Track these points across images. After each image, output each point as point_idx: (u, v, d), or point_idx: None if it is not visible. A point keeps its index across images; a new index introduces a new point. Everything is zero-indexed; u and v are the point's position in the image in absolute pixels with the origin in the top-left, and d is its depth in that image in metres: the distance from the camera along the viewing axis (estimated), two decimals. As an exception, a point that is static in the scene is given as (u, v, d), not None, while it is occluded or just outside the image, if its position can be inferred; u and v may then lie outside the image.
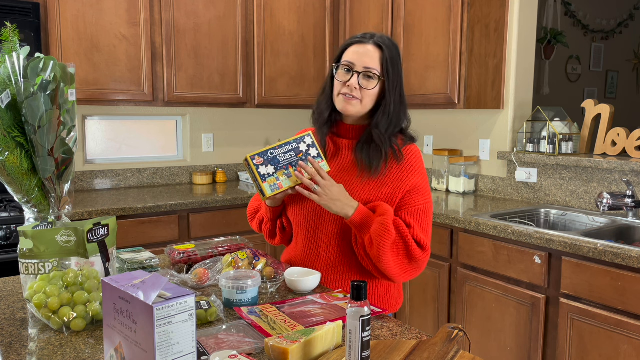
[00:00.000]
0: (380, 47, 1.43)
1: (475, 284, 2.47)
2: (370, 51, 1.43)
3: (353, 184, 1.48)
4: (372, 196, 1.46)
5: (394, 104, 1.45)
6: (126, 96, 2.99)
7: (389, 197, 1.46)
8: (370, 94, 1.43)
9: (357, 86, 1.42)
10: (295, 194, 1.49)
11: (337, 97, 1.47)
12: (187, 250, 1.58)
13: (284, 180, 1.43)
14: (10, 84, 1.27)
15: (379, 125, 1.44)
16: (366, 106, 1.45)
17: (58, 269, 1.26)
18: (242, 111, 3.81)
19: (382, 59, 1.43)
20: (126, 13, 2.94)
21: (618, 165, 2.50)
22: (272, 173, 1.42)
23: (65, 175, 1.36)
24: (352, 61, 1.43)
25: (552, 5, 4.76)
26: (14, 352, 1.05)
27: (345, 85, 1.43)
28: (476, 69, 2.90)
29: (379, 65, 1.43)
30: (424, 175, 1.50)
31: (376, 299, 1.54)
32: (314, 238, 1.53)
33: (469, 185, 3.23)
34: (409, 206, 1.46)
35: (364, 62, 1.42)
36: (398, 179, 1.46)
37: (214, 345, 1.05)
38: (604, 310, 1.99)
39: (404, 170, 1.47)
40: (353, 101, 1.43)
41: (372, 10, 3.35)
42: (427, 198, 1.49)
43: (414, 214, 1.45)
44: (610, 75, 5.40)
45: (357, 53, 1.43)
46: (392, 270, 1.42)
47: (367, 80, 1.43)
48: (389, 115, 1.44)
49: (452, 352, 1.04)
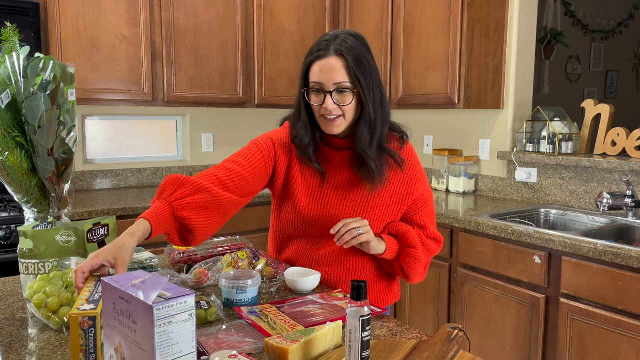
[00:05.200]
0: (341, 55, 1.33)
1: (475, 284, 2.47)
2: (333, 64, 1.33)
3: (360, 199, 1.45)
4: (383, 210, 1.46)
5: (374, 110, 1.38)
6: (126, 96, 2.99)
7: (400, 205, 1.48)
8: (350, 106, 1.37)
9: (334, 106, 1.35)
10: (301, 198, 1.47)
11: (319, 120, 1.41)
12: (187, 250, 1.58)
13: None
14: (10, 84, 1.27)
15: (362, 138, 1.38)
16: (350, 119, 1.39)
17: (58, 269, 1.26)
18: (242, 111, 3.81)
19: (347, 68, 1.33)
20: (126, 13, 2.94)
21: (618, 165, 2.50)
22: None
23: (65, 175, 1.36)
24: (319, 81, 1.35)
25: (552, 5, 4.76)
26: (14, 352, 1.05)
27: (322, 108, 1.37)
28: (476, 69, 2.90)
29: (346, 76, 1.34)
30: (423, 171, 1.53)
31: (378, 292, 1.56)
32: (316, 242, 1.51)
33: (469, 185, 3.23)
34: (421, 208, 1.51)
35: (332, 79, 1.33)
36: (404, 184, 1.47)
37: (214, 345, 1.05)
38: (604, 310, 1.99)
39: (408, 175, 1.48)
40: (337, 121, 1.37)
41: (372, 10, 3.35)
42: (430, 191, 1.55)
43: (426, 215, 1.53)
44: (610, 75, 5.40)
45: (321, 71, 1.34)
46: (419, 278, 1.54)
47: (342, 96, 1.35)
48: (371, 122, 1.38)
49: (452, 352, 1.04)
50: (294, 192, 1.47)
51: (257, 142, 1.48)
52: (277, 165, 1.48)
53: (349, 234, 1.32)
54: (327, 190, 1.46)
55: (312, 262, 1.52)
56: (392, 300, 1.60)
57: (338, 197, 1.45)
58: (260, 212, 3.21)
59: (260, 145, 1.46)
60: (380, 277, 1.56)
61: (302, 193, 1.46)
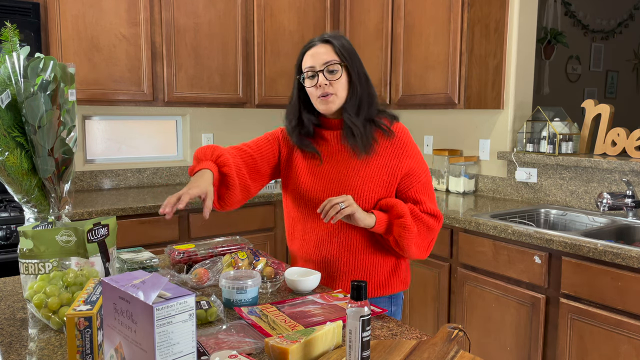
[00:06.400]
0: (328, 42, 1.54)
1: (475, 284, 2.47)
2: (322, 49, 1.53)
3: (352, 171, 1.55)
4: (374, 182, 1.53)
5: (360, 84, 1.54)
6: (126, 96, 2.99)
7: (390, 177, 1.54)
8: (340, 82, 1.52)
9: (327, 82, 1.51)
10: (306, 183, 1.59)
11: (316, 102, 1.56)
12: (187, 250, 1.58)
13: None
14: (10, 84, 1.27)
15: (347, 109, 1.53)
16: (342, 96, 1.54)
17: (58, 269, 1.26)
18: (242, 111, 3.81)
19: (335, 49, 1.53)
20: (126, 13, 2.94)
21: (618, 165, 2.50)
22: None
23: (65, 175, 1.36)
24: (311, 65, 1.53)
25: (552, 5, 4.76)
26: (14, 352, 1.05)
27: (317, 88, 1.52)
28: (476, 69, 2.90)
29: (334, 55, 1.52)
30: (417, 148, 1.60)
31: (386, 275, 1.59)
32: (326, 226, 1.58)
33: (469, 185, 3.23)
34: (415, 182, 1.56)
35: (322, 60, 1.52)
36: (394, 157, 1.55)
37: (214, 345, 1.05)
38: (604, 310, 1.99)
39: (398, 148, 1.56)
40: (330, 98, 1.52)
41: (372, 10, 3.35)
42: (426, 168, 1.61)
43: (420, 190, 1.57)
44: (610, 75, 5.40)
45: (312, 56, 1.54)
46: (418, 253, 1.56)
47: (332, 74, 1.52)
48: (357, 95, 1.54)
49: (452, 352, 1.04)
50: (296, 172, 1.62)
51: (266, 133, 1.71)
52: (281, 148, 1.67)
53: (332, 209, 1.40)
54: (325, 167, 1.59)
55: (315, 243, 1.58)
56: (399, 286, 1.63)
57: (333, 171, 1.57)
58: (260, 212, 3.21)
59: (268, 134, 1.70)
60: (385, 260, 1.59)
61: (303, 172, 1.61)
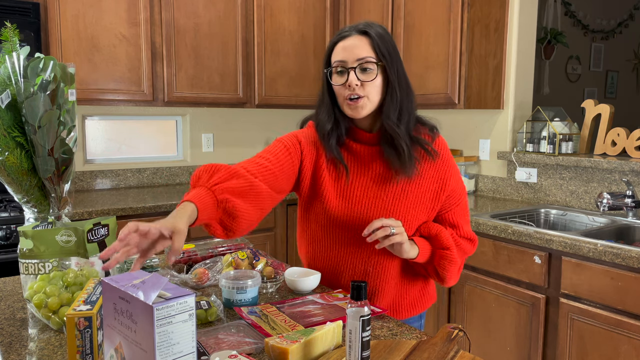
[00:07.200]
0: (366, 33, 1.31)
1: (475, 284, 2.47)
2: (357, 41, 1.30)
3: (391, 195, 1.37)
4: (418, 208, 1.37)
5: (399, 86, 1.32)
6: (126, 96, 2.99)
7: (434, 202, 1.39)
8: (374, 85, 1.31)
9: (358, 82, 1.29)
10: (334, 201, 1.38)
11: (343, 104, 1.34)
12: (187, 250, 1.58)
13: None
14: (10, 84, 1.27)
15: (389, 115, 1.32)
16: (374, 101, 1.32)
17: (58, 269, 1.26)
18: (242, 111, 3.81)
19: (372, 44, 1.30)
20: (126, 13, 2.94)
21: (618, 165, 2.50)
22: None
23: (65, 175, 1.36)
24: (342, 59, 1.31)
25: (552, 5, 4.76)
26: (14, 352, 1.05)
27: (346, 87, 1.30)
28: (476, 69, 2.90)
29: (372, 51, 1.30)
30: (457, 168, 1.45)
31: (417, 295, 1.50)
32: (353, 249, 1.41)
33: (469, 185, 3.23)
34: (454, 205, 1.43)
35: (355, 55, 1.29)
36: (438, 179, 1.39)
37: (214, 345, 1.05)
38: (604, 310, 1.99)
39: (442, 171, 1.40)
40: (360, 102, 1.30)
41: (372, 10, 3.35)
42: (464, 187, 1.46)
43: (459, 213, 1.44)
44: (610, 75, 5.40)
45: (344, 49, 1.31)
46: (453, 281, 1.45)
47: (366, 73, 1.30)
48: (397, 100, 1.32)
49: (452, 352, 1.04)
50: (322, 191, 1.38)
51: (281, 139, 1.41)
52: (304, 163, 1.40)
53: (382, 231, 1.23)
54: (357, 189, 1.37)
55: (347, 273, 1.43)
56: (428, 302, 1.54)
57: (368, 196, 1.36)
58: (260, 212, 3.20)
59: (286, 142, 1.39)
60: (415, 280, 1.48)
61: (331, 192, 1.38)
